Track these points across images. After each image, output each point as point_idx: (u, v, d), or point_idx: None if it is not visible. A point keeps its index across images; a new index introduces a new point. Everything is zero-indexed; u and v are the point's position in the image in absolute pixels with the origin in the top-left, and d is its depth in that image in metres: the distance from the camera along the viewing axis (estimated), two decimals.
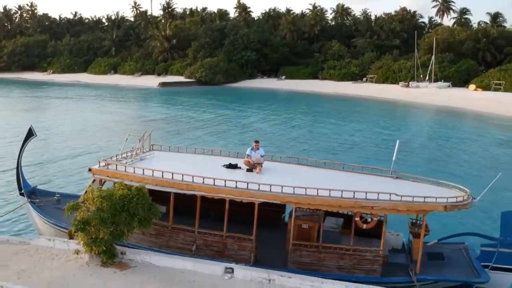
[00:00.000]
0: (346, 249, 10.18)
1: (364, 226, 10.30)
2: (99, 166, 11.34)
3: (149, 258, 9.84)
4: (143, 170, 10.85)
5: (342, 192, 9.81)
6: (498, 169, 21.38)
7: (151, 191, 10.66)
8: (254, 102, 57.13)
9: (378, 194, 9.77)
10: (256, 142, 11.99)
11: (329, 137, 32.77)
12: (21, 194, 13.50)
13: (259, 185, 10.19)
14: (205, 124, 37.97)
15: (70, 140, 28.69)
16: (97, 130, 33.46)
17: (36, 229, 13.70)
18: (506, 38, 70.96)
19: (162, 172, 10.63)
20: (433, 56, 64.01)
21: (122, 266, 9.68)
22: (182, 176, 10.52)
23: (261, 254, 10.50)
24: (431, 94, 56.67)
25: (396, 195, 9.74)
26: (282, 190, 10.11)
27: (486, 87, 57.91)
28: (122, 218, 9.38)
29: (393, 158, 11.73)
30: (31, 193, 13.53)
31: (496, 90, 56.66)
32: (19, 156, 13.42)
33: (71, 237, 10.94)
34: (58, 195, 13.65)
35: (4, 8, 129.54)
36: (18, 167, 13.39)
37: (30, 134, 13.20)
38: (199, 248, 10.56)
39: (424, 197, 9.78)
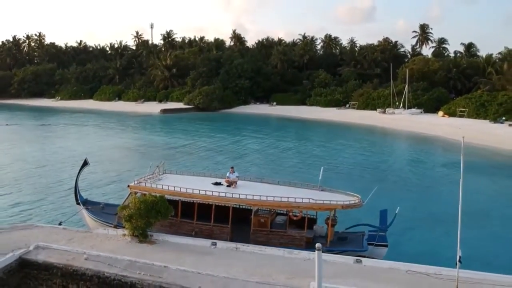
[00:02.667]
0: (283, 233, 16.88)
1: (294, 218, 17.01)
2: (134, 183, 18.10)
3: (166, 238, 16.48)
4: (162, 186, 17.60)
5: (281, 198, 16.54)
6: (411, 185, 28.19)
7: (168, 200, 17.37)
8: (246, 127, 63.94)
9: (302, 199, 16.51)
10: (232, 167, 18.81)
11: (302, 159, 39.44)
12: (78, 204, 20.15)
13: (232, 194, 16.96)
14: (202, 149, 44.59)
15: (97, 166, 35.14)
16: (115, 156, 39.95)
17: (86, 225, 20.23)
18: (474, 68, 78.74)
19: (174, 187, 17.37)
20: (406, 86, 71.29)
21: (150, 243, 16.30)
22: (186, 189, 17.27)
23: (235, 236, 17.12)
24: (404, 120, 63.77)
25: (313, 199, 16.48)
26: (247, 197, 16.86)
27: (453, 114, 65.10)
28: (152, 214, 16.06)
29: (320, 178, 18.46)
30: (84, 203, 20.20)
31: (461, 116, 63.78)
32: (76, 178, 20.09)
33: (115, 227, 17.60)
34: (102, 204, 20.38)
35: (14, 38, 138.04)
36: (76, 186, 20.10)
37: (85, 163, 19.97)
38: (197, 233, 17.22)
39: (330, 200, 16.54)
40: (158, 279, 13.48)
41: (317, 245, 11.79)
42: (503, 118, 57.96)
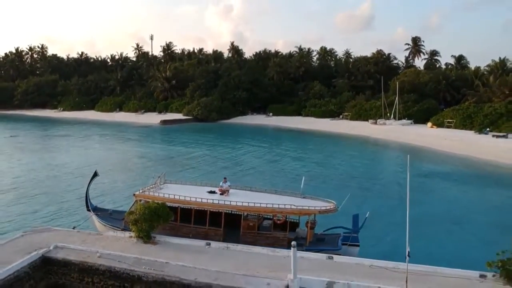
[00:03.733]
0: (269, 234, 19.49)
1: (278, 222, 19.63)
2: (139, 192, 20.73)
3: (167, 239, 19.07)
4: (163, 194, 20.22)
5: (267, 204, 19.17)
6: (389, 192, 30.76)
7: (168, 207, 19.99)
8: (242, 138, 66.70)
9: (285, 205, 19.14)
10: (225, 178, 21.47)
11: (291, 168, 42.05)
12: (88, 210, 22.74)
13: (224, 201, 19.60)
14: (199, 159, 47.18)
15: (104, 176, 37.39)
16: (119, 166, 42.38)
17: (95, 229, 22.77)
18: (463, 80, 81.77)
19: (174, 195, 19.99)
20: (397, 97, 74.17)
21: (153, 243, 18.88)
22: (184, 197, 19.88)
23: (227, 237, 19.70)
24: (393, 130, 66.56)
25: (294, 205, 19.11)
26: (237, 204, 19.49)
27: (441, 125, 67.91)
28: (154, 218, 18.67)
29: (301, 187, 21.10)
30: (94, 209, 22.80)
31: (448, 127, 66.57)
32: (87, 188, 22.71)
33: (122, 230, 20.20)
34: (110, 210, 22.98)
35: (16, 49, 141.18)
36: (87, 194, 22.71)
37: (95, 175, 22.61)
38: (193, 235, 19.80)
39: (309, 206, 19.17)
40: (160, 273, 16.07)
41: (293, 243, 14.45)
42: (488, 129, 60.73)
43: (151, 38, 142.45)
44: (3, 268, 15.75)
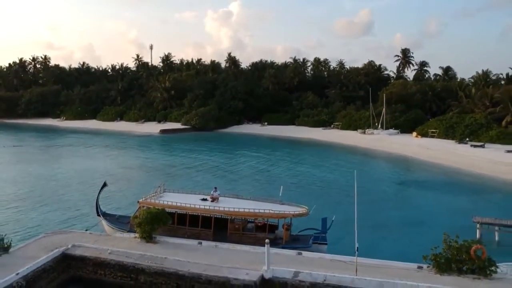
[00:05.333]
0: (252, 235, 23.24)
1: (259, 224, 23.40)
2: (142, 200, 24.51)
3: (166, 239, 22.82)
4: (163, 201, 23.99)
5: (249, 210, 22.95)
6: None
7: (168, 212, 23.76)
8: (236, 147, 70.49)
9: (264, 210, 22.92)
10: (215, 187, 25.31)
11: (279, 176, 45.87)
12: (98, 215, 26.49)
13: (214, 207, 23.39)
14: (196, 169, 50.95)
15: (110, 185, 40.91)
16: (123, 176, 45.87)
17: (104, 231, 26.46)
18: (448, 91, 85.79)
19: (172, 202, 23.77)
20: (383, 108, 78.09)
21: (154, 242, 22.60)
22: (180, 204, 23.65)
23: (216, 237, 23.43)
24: (380, 140, 70.39)
25: (272, 210, 22.88)
26: (225, 209, 23.27)
27: (425, 134, 71.76)
28: (155, 222, 22.42)
29: (280, 194, 24.86)
30: (103, 215, 26.55)
31: (432, 136, 70.42)
32: (97, 196, 26.46)
33: (128, 232, 23.93)
34: (117, 215, 26.75)
35: (20, 60, 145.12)
36: (97, 202, 26.46)
37: (104, 185, 26.40)
38: (188, 236, 23.54)
39: (284, 211, 22.95)
40: (160, 266, 19.82)
41: (266, 240, 18.24)
42: (467, 139, 64.60)
43: (151, 48, 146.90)
44: (32, 262, 19.52)
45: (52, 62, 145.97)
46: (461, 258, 18.92)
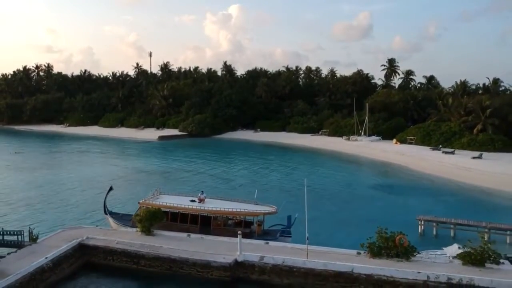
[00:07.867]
0: (232, 230, 28.77)
1: (236, 221, 28.96)
2: (142, 201, 30.08)
3: (161, 233, 28.35)
4: (159, 202, 29.57)
5: (229, 209, 28.51)
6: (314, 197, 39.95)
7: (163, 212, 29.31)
8: (230, 153, 76.14)
9: (241, 209, 28.49)
10: (202, 191, 30.94)
11: (263, 180, 51.36)
12: (105, 214, 32.01)
13: (201, 207, 28.99)
14: (190, 173, 56.44)
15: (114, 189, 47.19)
16: (125, 180, 51.55)
17: (110, 227, 31.91)
18: (428, 100, 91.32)
19: (166, 203, 29.33)
20: (366, 116, 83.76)
21: (152, 235, 28.10)
22: (173, 204, 29.22)
23: (202, 231, 28.92)
24: (362, 146, 75.95)
25: (247, 209, 28.47)
26: (209, 209, 28.85)
27: (404, 141, 77.35)
28: (153, 219, 27.95)
29: (255, 196, 30.39)
30: (110, 213, 32.08)
31: (410, 143, 76.00)
32: (105, 198, 32.00)
33: (131, 227, 29.47)
34: (121, 214, 32.31)
35: (24, 67, 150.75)
36: (105, 202, 31.99)
37: (110, 189, 31.98)
38: (179, 230, 29.04)
39: (257, 210, 28.53)
40: (157, 252, 25.36)
41: (239, 232, 23.80)
42: (440, 145, 70.18)
43: (150, 55, 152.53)
44: (56, 249, 25.04)
45: (51, 65, 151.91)
46: (389, 245, 24.48)
